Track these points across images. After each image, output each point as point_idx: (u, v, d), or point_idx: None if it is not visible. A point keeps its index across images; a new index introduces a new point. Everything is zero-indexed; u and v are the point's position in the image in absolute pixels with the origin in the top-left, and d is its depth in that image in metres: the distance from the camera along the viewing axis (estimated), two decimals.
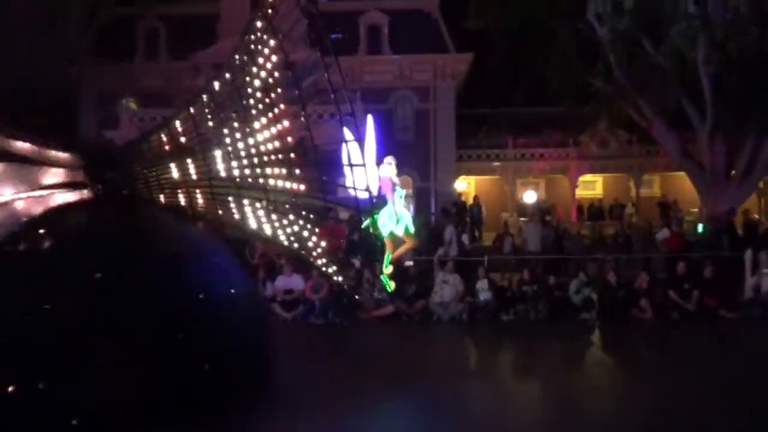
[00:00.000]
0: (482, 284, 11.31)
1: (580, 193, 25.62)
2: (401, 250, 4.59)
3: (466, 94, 25.14)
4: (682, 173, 19.37)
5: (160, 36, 24.61)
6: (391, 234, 4.29)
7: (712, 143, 16.46)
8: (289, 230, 4.26)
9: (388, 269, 4.70)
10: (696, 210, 20.46)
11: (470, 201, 21.04)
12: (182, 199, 4.34)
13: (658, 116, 17.03)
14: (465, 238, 14.20)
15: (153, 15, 24.54)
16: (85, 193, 4.05)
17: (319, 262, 4.55)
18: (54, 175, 3.89)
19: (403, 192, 4.76)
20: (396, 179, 4.56)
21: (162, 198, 4.36)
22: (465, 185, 26.77)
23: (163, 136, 4.32)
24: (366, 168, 4.11)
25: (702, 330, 10.40)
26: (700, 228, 15.38)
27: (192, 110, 4.18)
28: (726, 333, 10.29)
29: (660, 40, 15.68)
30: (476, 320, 10.97)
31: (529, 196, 25.52)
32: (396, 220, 4.44)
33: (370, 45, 24.40)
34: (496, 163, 25.88)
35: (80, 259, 3.64)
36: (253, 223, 4.35)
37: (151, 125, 21.77)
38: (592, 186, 26.69)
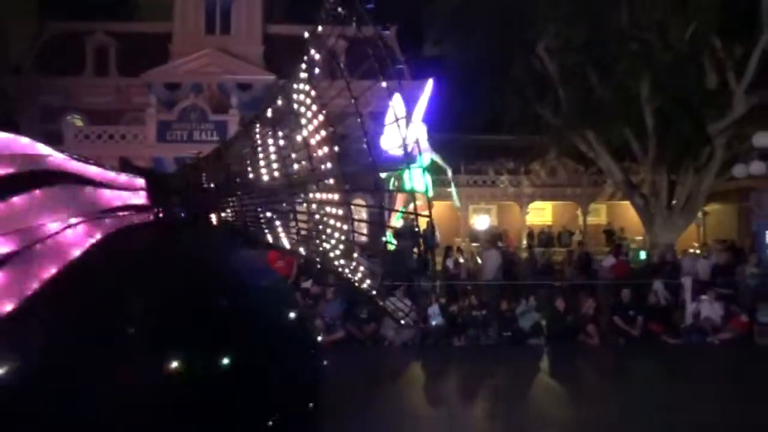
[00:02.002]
0: (434, 309, 11.31)
1: (531, 219, 26.17)
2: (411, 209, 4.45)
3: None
4: (627, 202, 20.07)
5: (110, 52, 24.08)
6: (411, 190, 4.26)
7: (655, 175, 17.17)
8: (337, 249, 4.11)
9: (397, 222, 4.58)
10: (640, 238, 21.18)
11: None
12: (240, 222, 4.24)
13: (605, 148, 17.65)
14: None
15: (103, 31, 24.04)
16: (145, 216, 3.94)
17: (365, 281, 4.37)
18: (116, 198, 3.82)
19: (430, 160, 4.66)
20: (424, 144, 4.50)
21: (222, 221, 4.24)
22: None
23: (221, 159, 4.21)
24: (409, 125, 4.03)
25: (646, 355, 10.66)
26: (642, 255, 15.91)
27: (248, 133, 4.08)
28: (668, 358, 10.57)
29: (606, 76, 16.32)
30: (428, 345, 10.93)
31: (482, 222, 25.90)
32: (423, 178, 4.41)
33: (326, 69, 24.48)
34: (449, 189, 26.26)
35: (141, 281, 3.54)
36: (305, 247, 4.23)
37: (99, 143, 21.21)
38: (542, 213, 27.32)
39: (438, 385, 8.91)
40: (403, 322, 4.92)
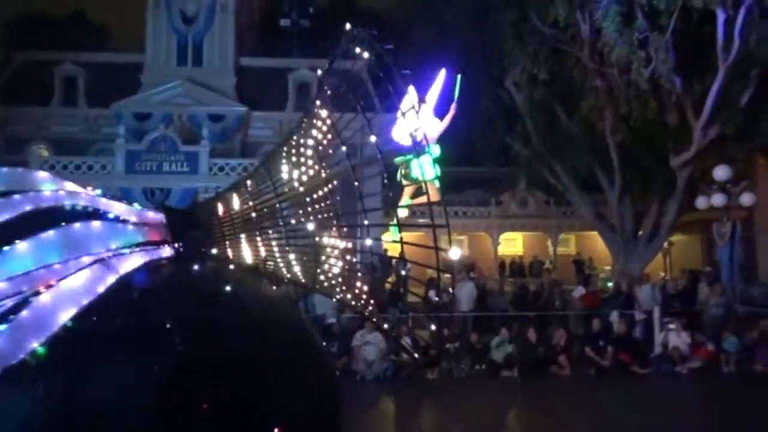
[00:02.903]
0: (406, 341, 11.20)
1: (502, 250, 26.40)
2: (420, 199, 4.38)
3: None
4: (595, 233, 20.44)
5: (79, 82, 23.86)
6: (417, 180, 4.17)
7: (621, 206, 17.57)
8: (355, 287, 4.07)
9: (402, 212, 4.49)
10: (609, 268, 21.52)
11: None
12: (260, 259, 4.19)
13: (572, 180, 18.03)
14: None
15: (72, 61, 23.85)
16: (166, 252, 3.89)
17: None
18: (137, 233, 3.79)
19: (439, 152, 4.62)
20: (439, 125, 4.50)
21: (241, 257, 4.15)
22: (391, 240, 26.92)
23: (241, 194, 4.17)
24: (420, 116, 4.03)
25: (616, 386, 10.72)
26: (610, 284, 16.17)
27: (267, 168, 4.06)
28: (638, 388, 10.65)
29: (573, 110, 16.78)
30: (400, 379, 10.81)
31: (454, 253, 26.03)
32: (431, 168, 4.33)
33: (299, 101, 24.69)
34: (421, 220, 26.32)
35: (162, 319, 3.50)
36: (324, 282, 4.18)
37: (67, 178, 20.80)
38: (513, 244, 27.60)
39: (410, 420, 8.79)
40: (417, 355, 4.84)
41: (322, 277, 4.00)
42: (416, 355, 4.79)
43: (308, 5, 32.27)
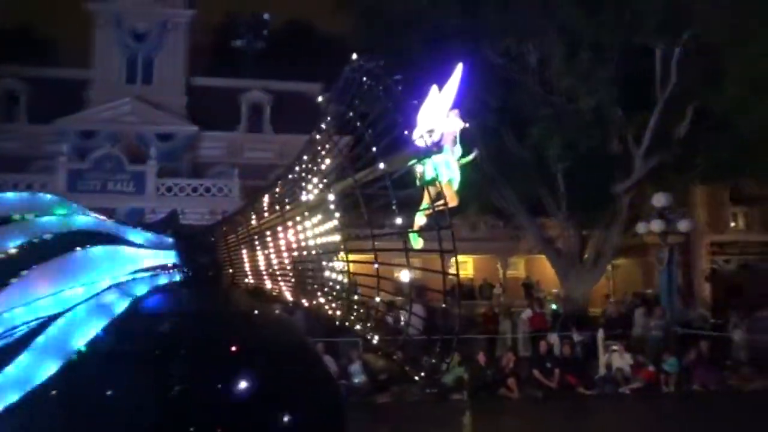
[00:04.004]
0: (356, 367, 11.12)
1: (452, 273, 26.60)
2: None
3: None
4: (543, 256, 20.92)
5: (20, 98, 22.98)
6: (432, 181, 4.10)
7: (567, 230, 18.08)
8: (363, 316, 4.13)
9: (420, 218, 4.42)
10: (556, 290, 22.02)
11: None
12: (267, 283, 4.17)
13: (521, 204, 18.46)
14: None
15: (13, 75, 22.98)
16: (176, 276, 3.96)
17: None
18: (147, 257, 3.84)
19: (460, 151, 4.54)
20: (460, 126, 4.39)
21: (248, 281, 4.19)
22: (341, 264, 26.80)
23: (246, 217, 4.18)
24: (438, 114, 4.01)
25: (563, 408, 10.90)
26: (553, 306, 16.54)
27: (275, 191, 4.09)
28: (583, 409, 10.86)
29: (522, 136, 17.26)
30: (350, 403, 10.67)
31: (404, 276, 26.08)
32: (448, 170, 4.25)
33: (251, 122, 24.50)
34: (427, 241, 26.23)
35: (171, 339, 3.62)
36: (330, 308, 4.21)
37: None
38: (463, 266, 27.89)
39: None
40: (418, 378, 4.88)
41: (323, 299, 4.06)
42: (420, 375, 4.87)
43: (262, 27, 32.29)
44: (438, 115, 4.11)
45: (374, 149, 3.54)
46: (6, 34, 26.55)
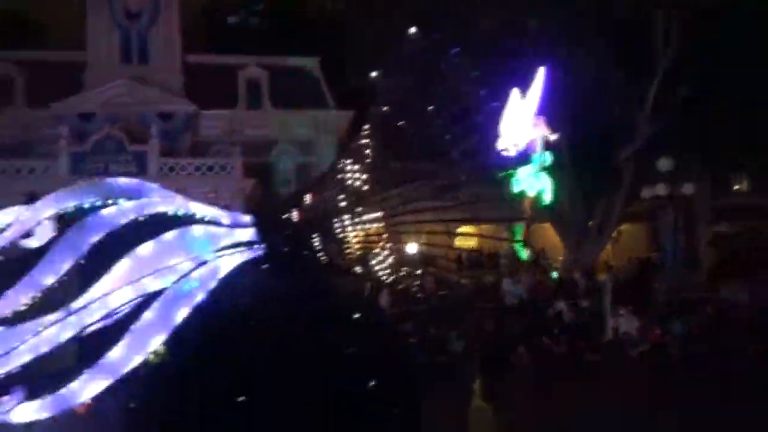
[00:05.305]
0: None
1: (459, 243, 26.68)
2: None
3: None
4: (548, 224, 20.93)
5: (16, 82, 22.77)
6: (524, 194, 4.24)
7: (572, 198, 18.05)
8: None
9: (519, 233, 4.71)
10: (561, 258, 22.09)
11: None
12: (342, 255, 4.41)
13: None
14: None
15: (7, 60, 22.72)
16: (254, 253, 4.16)
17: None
18: (227, 235, 4.08)
19: (550, 158, 4.66)
20: (550, 137, 4.44)
21: (325, 254, 4.39)
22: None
23: (323, 192, 4.39)
24: (521, 122, 4.11)
25: (571, 373, 11.01)
26: (554, 275, 16.62)
27: (341, 165, 4.30)
28: (593, 373, 10.97)
29: None
30: None
31: (411, 247, 26.17)
32: (537, 181, 4.39)
33: (249, 99, 24.29)
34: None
35: (257, 313, 3.89)
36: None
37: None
38: (468, 238, 27.92)
39: None
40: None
41: (396, 275, 4.30)
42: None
43: (256, 2, 31.81)
44: (522, 123, 4.15)
45: (448, 137, 3.61)
46: None
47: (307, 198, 4.40)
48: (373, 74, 4.38)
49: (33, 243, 3.67)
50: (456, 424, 7.83)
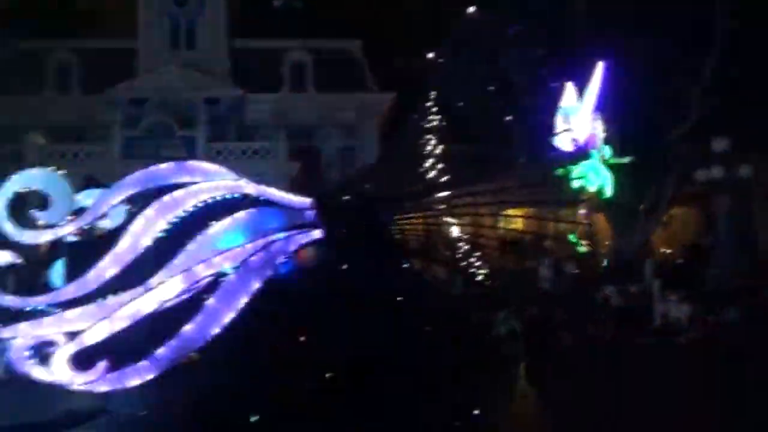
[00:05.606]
0: None
1: (503, 227, 26.38)
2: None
3: (391, 131, 25.65)
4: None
5: (73, 69, 23.64)
6: (581, 190, 4.49)
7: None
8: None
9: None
10: (609, 243, 21.59)
11: None
12: (408, 238, 4.63)
13: None
14: None
15: (65, 48, 23.59)
16: (316, 234, 4.42)
17: None
18: (291, 217, 4.33)
19: (610, 152, 4.93)
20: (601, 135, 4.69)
21: (390, 237, 4.64)
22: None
23: (382, 174, 4.66)
24: (580, 119, 4.39)
25: (616, 357, 10.82)
26: (605, 262, 16.28)
27: (400, 149, 4.53)
28: (638, 359, 10.75)
29: None
30: None
31: (470, 231, 26.08)
32: (597, 176, 4.65)
33: (293, 83, 24.53)
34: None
35: (316, 295, 4.15)
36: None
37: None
38: (515, 221, 27.55)
39: None
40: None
41: (460, 257, 4.44)
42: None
43: None
44: (580, 118, 4.26)
45: (508, 117, 3.69)
46: (50, 7, 27.11)
47: (367, 181, 4.49)
48: (430, 55, 4.42)
49: (107, 223, 3.89)
50: (502, 408, 7.85)
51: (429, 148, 4.18)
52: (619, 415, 7.24)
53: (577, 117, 3.65)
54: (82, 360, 3.61)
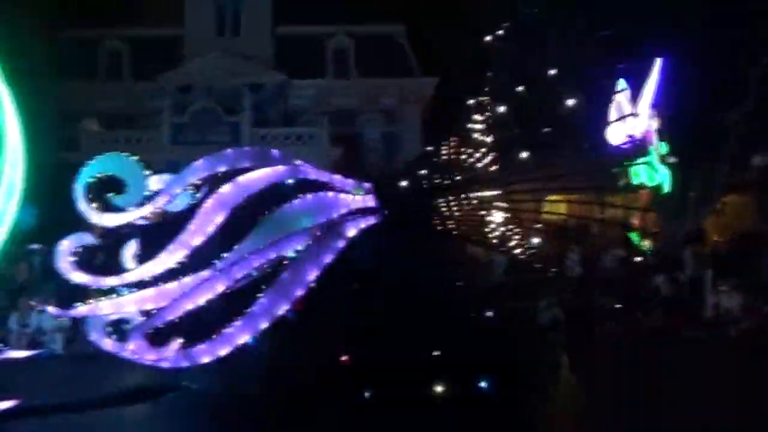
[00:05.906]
0: None
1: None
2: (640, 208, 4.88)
3: (432, 117, 25.44)
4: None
5: (123, 57, 24.31)
6: (638, 187, 4.63)
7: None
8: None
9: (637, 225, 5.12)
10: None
11: None
12: (460, 225, 4.84)
13: None
14: None
15: (115, 36, 24.27)
16: (374, 218, 4.60)
17: None
18: (351, 202, 4.53)
19: (666, 149, 5.06)
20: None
21: (443, 223, 4.81)
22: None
23: (438, 161, 4.90)
24: (636, 115, 4.55)
25: (663, 347, 10.56)
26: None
27: (465, 136, 4.74)
28: (691, 350, 10.47)
29: None
30: None
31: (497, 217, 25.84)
32: (655, 173, 4.78)
33: (336, 68, 24.59)
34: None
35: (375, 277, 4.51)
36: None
37: (117, 147, 21.38)
38: (557, 207, 27.05)
39: None
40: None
41: (510, 243, 4.57)
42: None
43: None
44: (637, 115, 4.27)
45: (570, 102, 3.72)
46: None
47: (425, 168, 4.55)
48: (488, 38, 4.41)
49: (175, 207, 4.04)
50: (543, 395, 7.79)
51: (485, 133, 4.20)
52: (661, 406, 7.08)
53: (633, 114, 3.65)
54: (157, 337, 3.80)
